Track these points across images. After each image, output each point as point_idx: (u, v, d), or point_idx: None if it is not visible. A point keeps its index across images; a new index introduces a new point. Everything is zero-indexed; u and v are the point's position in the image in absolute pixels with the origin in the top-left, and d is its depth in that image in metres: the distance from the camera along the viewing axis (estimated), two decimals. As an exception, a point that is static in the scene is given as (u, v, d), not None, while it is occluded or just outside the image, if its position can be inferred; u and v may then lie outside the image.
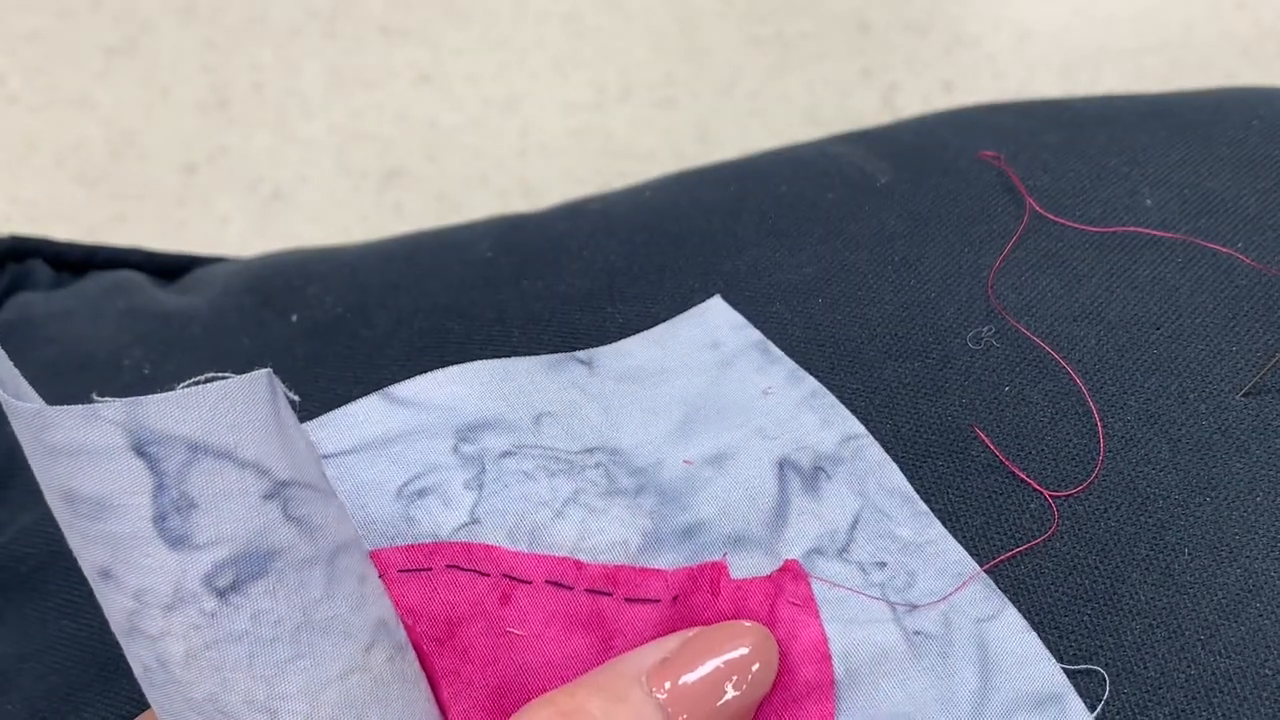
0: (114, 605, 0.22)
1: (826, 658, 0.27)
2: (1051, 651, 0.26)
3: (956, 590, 0.28)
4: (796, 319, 0.33)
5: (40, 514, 0.36)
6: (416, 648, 0.26)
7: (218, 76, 0.78)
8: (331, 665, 0.23)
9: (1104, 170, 0.35)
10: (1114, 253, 0.33)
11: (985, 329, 0.31)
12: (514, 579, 0.28)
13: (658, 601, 0.28)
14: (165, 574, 0.22)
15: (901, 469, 0.29)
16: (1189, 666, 0.26)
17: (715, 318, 0.34)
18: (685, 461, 0.30)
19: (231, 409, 0.22)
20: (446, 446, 0.30)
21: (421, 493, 0.29)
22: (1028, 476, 0.29)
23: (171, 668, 0.22)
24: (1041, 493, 0.28)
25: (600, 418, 0.31)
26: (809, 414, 0.31)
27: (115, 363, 0.39)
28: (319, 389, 0.35)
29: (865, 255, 0.34)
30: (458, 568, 0.27)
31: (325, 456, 0.29)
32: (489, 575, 0.27)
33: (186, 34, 0.80)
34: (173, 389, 0.22)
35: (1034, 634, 0.27)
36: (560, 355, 0.33)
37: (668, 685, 0.24)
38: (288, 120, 0.77)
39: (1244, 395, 0.29)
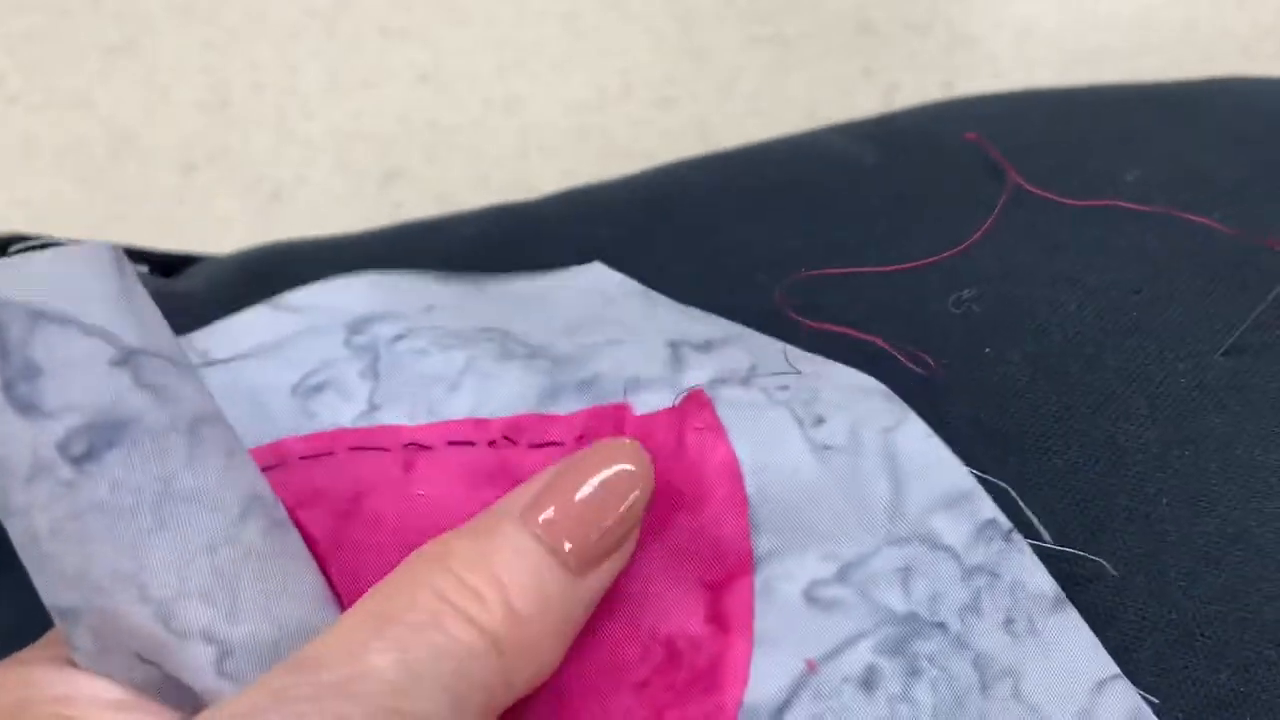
0: None
1: (738, 476, 0.27)
2: None
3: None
4: (777, 286, 0.33)
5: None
6: (323, 524, 0.26)
7: (218, 76, 0.79)
8: (198, 537, 0.23)
9: (1088, 148, 0.36)
10: (1093, 225, 0.33)
11: (966, 292, 0.31)
12: (416, 446, 0.27)
13: (562, 444, 0.27)
14: (21, 443, 0.22)
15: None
16: (1170, 612, 0.26)
17: (600, 272, 0.34)
18: (581, 343, 0.30)
19: (73, 275, 0.22)
20: (338, 341, 0.30)
21: (318, 387, 0.29)
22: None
23: (40, 542, 0.22)
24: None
25: (491, 312, 0.31)
26: (693, 320, 0.31)
27: None
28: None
29: (850, 230, 0.35)
30: (360, 448, 0.27)
31: (215, 362, 0.29)
32: (390, 450, 0.27)
33: (186, 34, 0.80)
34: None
35: (937, 438, 0.27)
36: (448, 273, 0.33)
37: (543, 517, 0.24)
38: (288, 120, 0.77)
39: (1222, 355, 0.29)
